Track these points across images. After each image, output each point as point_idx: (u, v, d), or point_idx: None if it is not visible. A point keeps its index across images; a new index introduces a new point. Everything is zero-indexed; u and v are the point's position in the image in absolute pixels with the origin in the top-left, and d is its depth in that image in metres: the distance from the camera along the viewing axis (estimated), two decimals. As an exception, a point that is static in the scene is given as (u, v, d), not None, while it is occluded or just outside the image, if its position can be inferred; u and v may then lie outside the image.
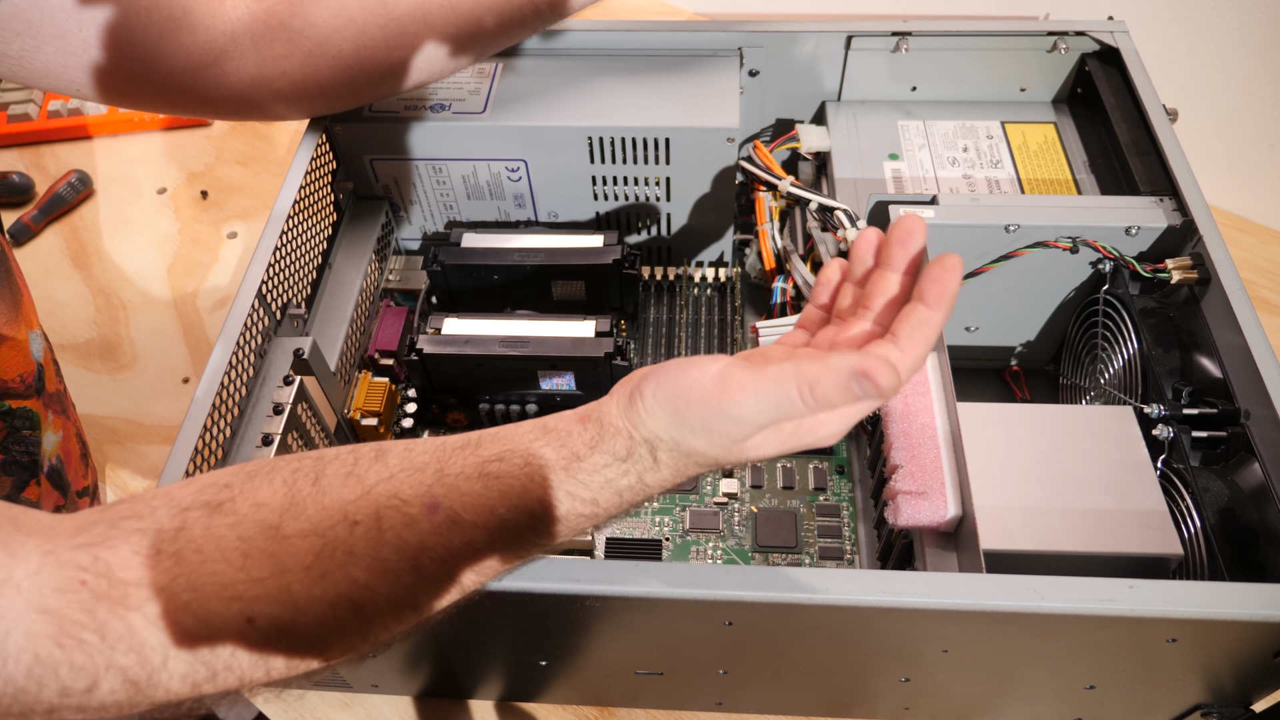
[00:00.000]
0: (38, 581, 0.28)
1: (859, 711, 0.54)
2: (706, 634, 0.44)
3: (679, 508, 0.61)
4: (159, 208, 0.87)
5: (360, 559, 0.32)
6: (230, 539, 0.31)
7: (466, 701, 0.56)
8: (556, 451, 0.34)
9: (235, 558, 0.31)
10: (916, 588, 0.39)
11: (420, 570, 0.32)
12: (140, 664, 0.29)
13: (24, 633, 0.28)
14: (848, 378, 0.29)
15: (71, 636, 0.28)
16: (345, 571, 0.31)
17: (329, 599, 0.31)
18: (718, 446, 0.33)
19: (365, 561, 0.32)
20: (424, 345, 0.59)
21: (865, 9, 0.97)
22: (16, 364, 0.53)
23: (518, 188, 0.67)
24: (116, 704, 0.29)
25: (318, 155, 0.61)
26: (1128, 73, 0.62)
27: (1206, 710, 0.48)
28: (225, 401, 0.49)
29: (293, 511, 0.32)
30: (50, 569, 0.29)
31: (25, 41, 0.47)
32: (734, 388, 0.31)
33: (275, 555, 0.31)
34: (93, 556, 0.30)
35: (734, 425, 0.31)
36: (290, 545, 0.31)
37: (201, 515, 0.31)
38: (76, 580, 0.29)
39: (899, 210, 0.56)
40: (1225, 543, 0.45)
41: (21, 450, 0.54)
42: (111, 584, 0.29)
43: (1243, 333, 0.47)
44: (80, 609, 0.29)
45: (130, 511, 0.31)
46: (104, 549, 0.30)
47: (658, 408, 0.33)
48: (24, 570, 0.28)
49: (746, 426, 0.32)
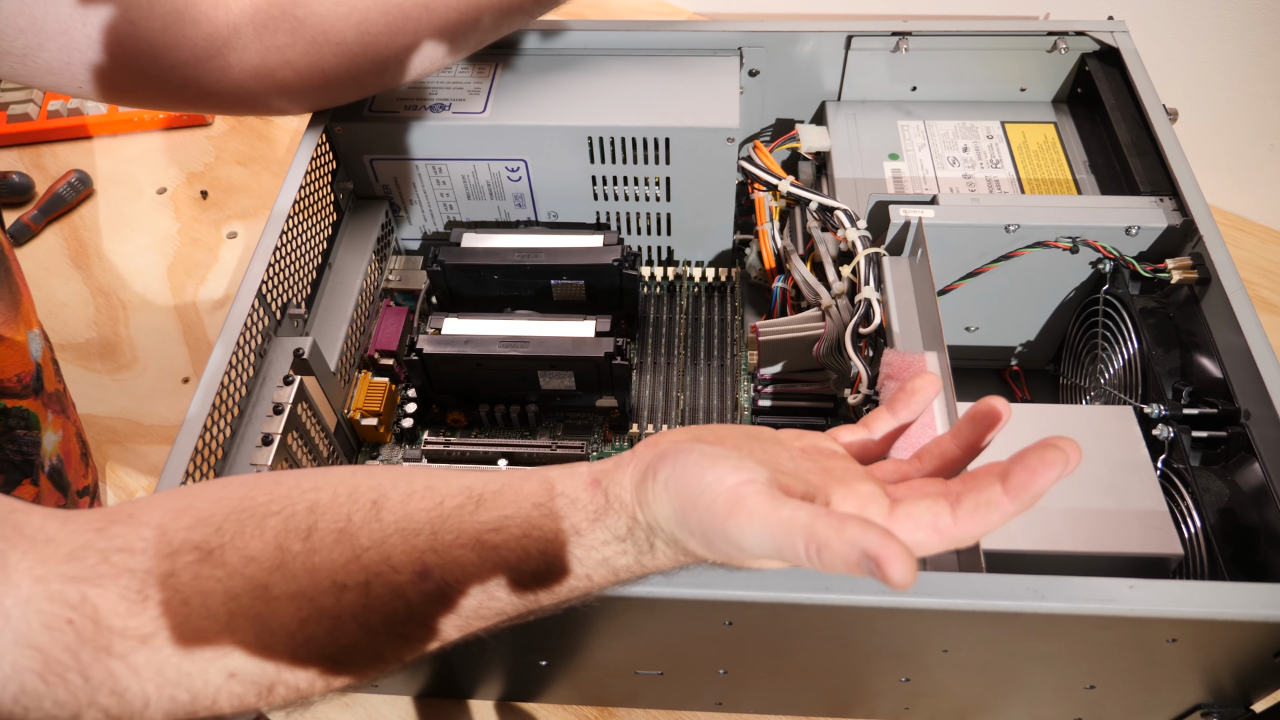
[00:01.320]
0: (26, 613, 0.28)
1: (859, 711, 0.54)
2: (706, 634, 0.44)
3: (679, 508, 0.61)
4: (159, 208, 0.87)
5: (347, 627, 0.31)
6: (218, 594, 0.31)
7: (466, 701, 0.56)
8: (557, 524, 0.32)
9: (221, 615, 0.30)
10: (916, 587, 0.39)
11: (406, 637, 0.32)
12: (121, 706, 0.29)
13: (11, 664, 0.28)
14: (858, 556, 0.26)
15: (56, 674, 0.28)
16: (331, 637, 0.31)
17: (312, 659, 0.31)
18: (716, 555, 0.31)
19: (352, 628, 0.31)
20: (424, 345, 0.59)
21: (865, 9, 0.97)
22: (14, 364, 0.53)
23: (518, 188, 0.67)
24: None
25: (318, 155, 0.61)
26: (1128, 73, 0.62)
27: (1206, 710, 0.48)
28: (225, 401, 0.49)
29: (281, 572, 0.31)
30: (39, 600, 0.29)
31: (29, 38, 0.47)
32: (743, 513, 0.28)
33: (261, 617, 0.31)
34: (81, 595, 0.29)
35: (733, 549, 0.29)
36: (277, 608, 0.31)
37: (191, 563, 0.31)
38: (64, 619, 0.29)
39: (899, 210, 0.56)
40: (1225, 543, 0.45)
41: (15, 449, 0.54)
42: (97, 629, 0.29)
43: (1243, 333, 0.47)
44: (65, 650, 0.29)
45: (123, 543, 0.31)
46: (92, 588, 0.30)
47: (665, 497, 0.30)
48: (14, 599, 0.28)
49: (745, 554, 0.29)
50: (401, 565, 0.32)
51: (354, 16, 0.53)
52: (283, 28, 0.53)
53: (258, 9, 0.53)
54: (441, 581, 0.32)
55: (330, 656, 0.32)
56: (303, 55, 0.54)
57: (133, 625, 0.30)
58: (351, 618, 0.31)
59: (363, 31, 0.54)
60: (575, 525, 0.32)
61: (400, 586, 0.31)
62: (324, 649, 0.31)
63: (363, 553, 0.32)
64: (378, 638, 0.32)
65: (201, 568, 0.31)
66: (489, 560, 0.32)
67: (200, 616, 0.30)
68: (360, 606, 0.31)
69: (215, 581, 0.31)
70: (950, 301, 0.60)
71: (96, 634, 0.29)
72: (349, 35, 0.54)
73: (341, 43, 0.54)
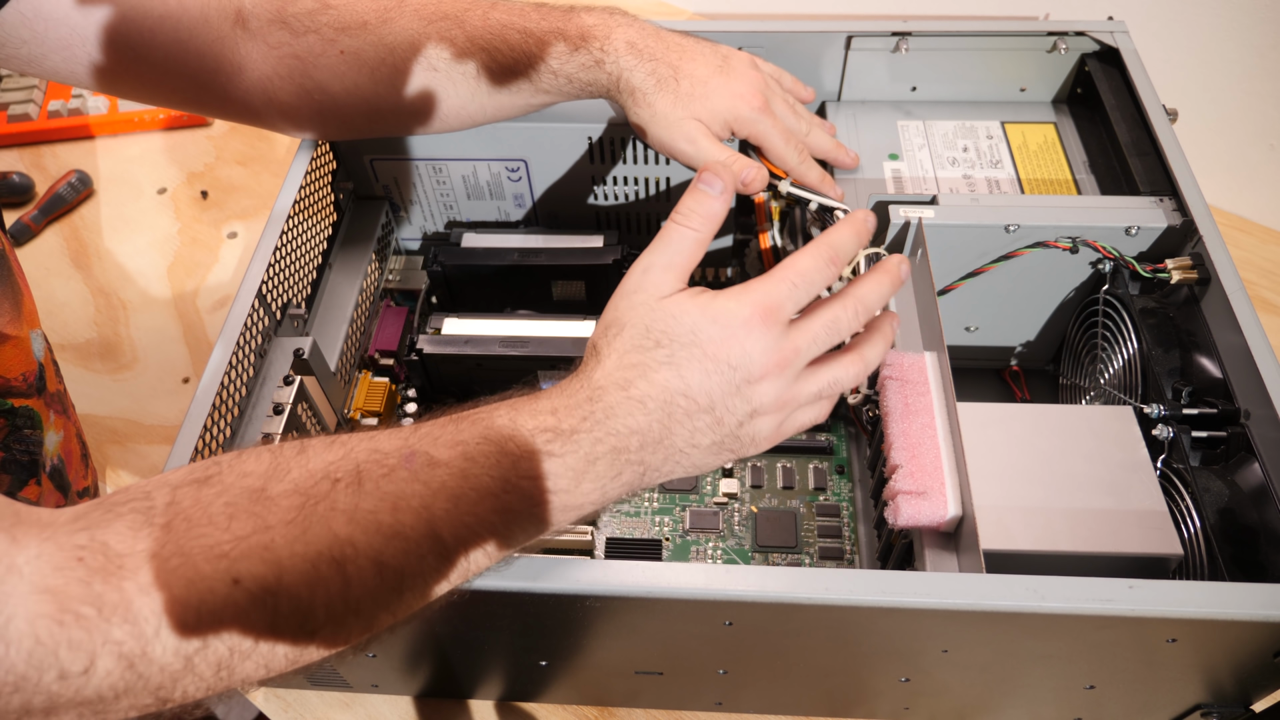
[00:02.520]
0: (38, 564, 0.29)
1: (859, 711, 0.54)
2: (706, 634, 0.44)
3: (679, 508, 0.61)
4: (159, 208, 0.87)
5: (340, 512, 0.33)
6: (217, 505, 0.32)
7: (466, 701, 0.57)
8: (517, 399, 0.37)
9: (221, 520, 0.32)
10: (916, 588, 0.39)
11: (399, 521, 0.33)
12: (135, 636, 0.30)
13: (25, 617, 0.28)
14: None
15: (70, 612, 0.29)
16: (326, 525, 0.32)
17: (310, 555, 0.32)
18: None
19: (345, 514, 0.33)
20: (424, 345, 0.59)
21: (865, 9, 0.97)
22: (19, 363, 0.53)
23: (518, 188, 0.67)
24: (113, 689, 0.30)
25: (318, 155, 0.61)
26: (1128, 73, 0.62)
27: (1206, 710, 0.48)
28: (225, 401, 0.49)
29: (276, 475, 0.33)
30: (49, 552, 0.30)
31: (32, 48, 0.48)
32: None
33: (259, 514, 0.32)
34: (89, 536, 0.31)
35: None
36: (273, 504, 0.32)
37: (191, 489, 0.33)
38: (74, 558, 0.30)
39: (899, 210, 0.56)
40: (1225, 543, 0.45)
41: (22, 449, 0.54)
42: (107, 558, 0.30)
43: (1243, 333, 0.47)
44: (78, 584, 0.29)
45: (125, 496, 0.33)
46: (100, 529, 0.31)
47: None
48: (25, 556, 0.29)
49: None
50: (390, 450, 0.34)
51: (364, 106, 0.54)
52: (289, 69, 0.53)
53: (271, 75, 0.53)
54: (426, 454, 0.34)
55: (328, 552, 0.32)
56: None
57: (140, 545, 0.31)
58: (345, 505, 0.33)
59: (372, 112, 0.54)
60: (535, 396, 0.38)
61: (391, 468, 0.34)
62: (320, 543, 0.32)
63: (353, 448, 0.34)
64: (371, 526, 0.33)
65: (201, 490, 0.33)
66: (464, 425, 0.36)
67: (202, 525, 0.31)
68: (353, 492, 0.33)
69: (214, 496, 0.32)
70: (950, 301, 0.60)
71: (106, 563, 0.30)
72: (359, 122, 0.56)
73: (349, 123, 0.56)
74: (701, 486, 0.62)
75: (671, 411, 0.37)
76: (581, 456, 0.36)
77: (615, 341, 0.38)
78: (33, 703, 0.29)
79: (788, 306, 0.39)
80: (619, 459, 0.37)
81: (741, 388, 0.38)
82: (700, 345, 0.38)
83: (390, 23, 0.52)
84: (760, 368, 0.38)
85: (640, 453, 0.37)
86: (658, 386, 0.37)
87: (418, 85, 0.53)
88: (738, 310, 0.38)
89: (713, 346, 0.38)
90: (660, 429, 0.37)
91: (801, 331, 0.39)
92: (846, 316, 0.40)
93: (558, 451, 0.36)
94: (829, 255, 0.40)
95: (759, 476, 0.62)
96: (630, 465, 0.37)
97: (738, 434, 0.39)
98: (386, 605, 0.34)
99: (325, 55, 0.52)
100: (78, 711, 0.30)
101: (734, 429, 0.39)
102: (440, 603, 0.36)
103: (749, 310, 0.38)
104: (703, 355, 0.37)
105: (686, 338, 0.38)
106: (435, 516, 0.34)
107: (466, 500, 0.34)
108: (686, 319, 0.38)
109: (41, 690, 0.29)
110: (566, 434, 0.36)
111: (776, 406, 0.39)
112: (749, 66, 0.56)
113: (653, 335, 0.38)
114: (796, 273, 0.39)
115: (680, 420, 0.37)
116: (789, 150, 0.56)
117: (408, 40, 0.52)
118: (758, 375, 0.38)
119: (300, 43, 0.52)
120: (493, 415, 0.36)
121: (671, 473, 0.39)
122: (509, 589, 0.40)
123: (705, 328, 0.38)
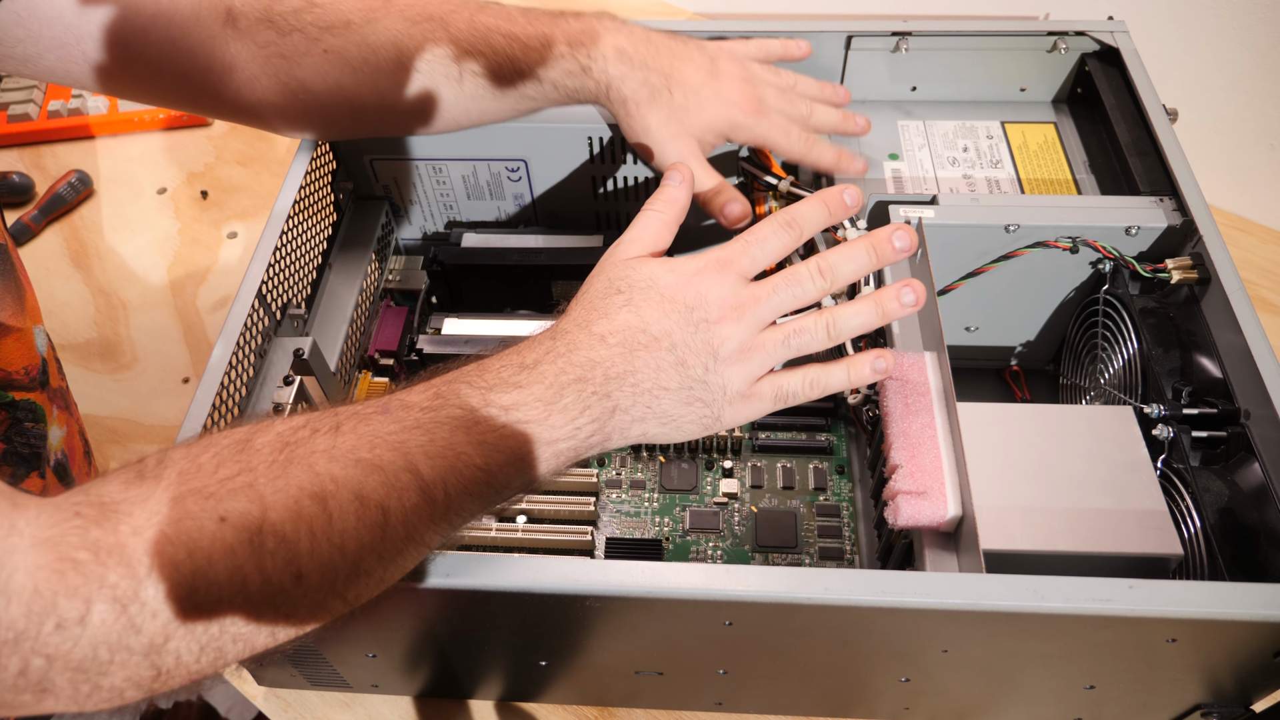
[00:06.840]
0: (38, 522, 0.30)
1: (859, 711, 0.54)
2: (706, 634, 0.44)
3: (679, 508, 0.61)
4: (159, 208, 0.87)
5: (320, 452, 0.35)
6: (205, 456, 0.34)
7: (466, 701, 0.57)
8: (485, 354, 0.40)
9: (209, 468, 0.34)
10: (916, 588, 0.39)
11: (377, 456, 0.35)
12: (128, 576, 0.30)
13: (25, 569, 0.29)
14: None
15: (68, 559, 0.30)
16: (306, 464, 0.34)
17: (292, 490, 0.33)
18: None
19: (325, 453, 0.35)
20: (424, 345, 0.59)
21: (865, 9, 0.97)
22: (21, 356, 0.53)
23: (518, 188, 0.67)
24: (107, 643, 0.30)
25: (318, 155, 0.61)
26: (1128, 73, 0.62)
27: (1206, 710, 0.48)
28: (225, 401, 0.49)
29: (261, 429, 0.36)
30: (48, 510, 0.31)
31: (28, 48, 0.48)
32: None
33: (243, 460, 0.34)
34: (84, 493, 0.32)
35: None
36: (257, 451, 0.35)
37: (181, 449, 0.35)
38: (72, 512, 0.31)
39: (899, 210, 0.56)
40: (1225, 543, 0.45)
41: (23, 442, 0.54)
42: (103, 509, 0.32)
43: (1243, 333, 0.47)
44: (75, 532, 0.31)
45: (122, 465, 0.35)
46: (95, 486, 0.33)
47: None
48: (25, 518, 0.30)
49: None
50: (368, 407, 0.37)
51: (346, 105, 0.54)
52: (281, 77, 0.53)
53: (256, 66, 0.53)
54: (400, 401, 0.37)
55: (309, 487, 0.34)
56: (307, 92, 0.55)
57: (133, 493, 0.33)
58: (324, 446, 0.35)
59: (355, 112, 0.54)
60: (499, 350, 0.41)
61: (367, 416, 0.36)
62: (301, 478, 0.34)
63: (336, 410, 0.37)
64: (350, 461, 0.35)
65: (191, 447, 0.35)
66: (433, 378, 0.39)
67: (190, 474, 0.33)
68: (331, 435, 0.35)
69: (201, 449, 0.35)
70: (950, 301, 0.60)
71: (102, 512, 0.32)
72: (343, 121, 0.56)
73: (334, 121, 0.56)
74: (701, 486, 0.62)
75: (633, 347, 0.40)
76: (546, 385, 0.38)
77: (581, 297, 0.43)
78: (30, 664, 0.29)
79: (742, 261, 0.43)
80: (584, 390, 0.39)
81: (700, 326, 0.41)
82: (657, 289, 0.41)
83: (374, 23, 0.52)
84: (717, 310, 0.41)
85: (605, 385, 0.39)
86: (618, 324, 0.40)
87: (399, 86, 0.53)
88: (692, 262, 0.43)
89: (670, 290, 0.42)
90: (623, 363, 0.40)
91: (761, 283, 0.43)
92: (807, 272, 0.43)
93: (524, 382, 0.38)
94: (785, 220, 0.44)
95: (759, 476, 0.62)
96: (597, 399, 0.39)
97: (706, 380, 0.41)
98: (372, 546, 0.35)
99: (309, 54, 0.52)
100: (71, 677, 0.30)
101: (701, 374, 0.41)
102: (433, 549, 0.38)
103: (703, 262, 0.43)
104: (660, 297, 0.41)
105: (644, 283, 0.42)
106: (411, 450, 0.35)
107: (440, 431, 0.36)
108: (644, 269, 0.43)
109: (39, 647, 0.29)
110: (530, 366, 0.39)
111: (740, 352, 0.42)
112: (736, 65, 0.56)
113: (614, 285, 0.42)
114: (751, 234, 0.44)
115: (641, 355, 0.40)
116: (792, 144, 0.57)
117: (391, 41, 0.52)
118: (715, 317, 0.41)
119: (285, 41, 0.52)
120: (461, 363, 0.40)
121: (645, 419, 0.41)
122: (509, 589, 0.40)
123: (662, 275, 0.42)
